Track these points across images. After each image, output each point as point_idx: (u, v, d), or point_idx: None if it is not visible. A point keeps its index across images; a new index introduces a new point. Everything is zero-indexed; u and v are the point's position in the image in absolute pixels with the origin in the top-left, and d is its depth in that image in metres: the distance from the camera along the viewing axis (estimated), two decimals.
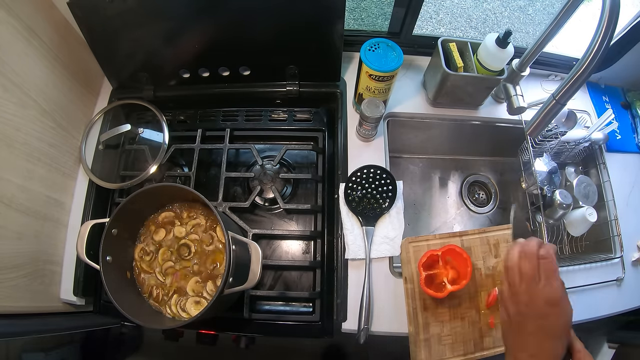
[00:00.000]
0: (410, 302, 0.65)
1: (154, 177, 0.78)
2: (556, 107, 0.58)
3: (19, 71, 0.63)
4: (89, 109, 0.86)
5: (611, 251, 0.79)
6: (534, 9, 2.39)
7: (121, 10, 0.68)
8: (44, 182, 0.70)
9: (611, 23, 0.49)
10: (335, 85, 0.84)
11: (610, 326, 0.91)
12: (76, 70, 0.78)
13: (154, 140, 0.80)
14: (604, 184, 0.85)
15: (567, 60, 0.90)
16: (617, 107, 0.93)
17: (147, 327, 0.58)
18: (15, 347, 0.73)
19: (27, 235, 0.66)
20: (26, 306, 0.65)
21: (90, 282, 0.74)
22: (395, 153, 1.02)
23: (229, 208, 0.76)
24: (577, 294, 0.74)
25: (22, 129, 0.64)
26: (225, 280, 0.54)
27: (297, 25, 0.72)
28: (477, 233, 0.69)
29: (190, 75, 0.82)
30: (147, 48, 0.77)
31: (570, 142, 0.84)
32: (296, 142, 0.86)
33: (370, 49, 0.71)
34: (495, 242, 0.68)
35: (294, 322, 0.71)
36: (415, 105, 0.87)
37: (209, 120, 0.86)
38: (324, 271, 0.74)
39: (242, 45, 0.76)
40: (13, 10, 0.61)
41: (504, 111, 0.83)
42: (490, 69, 0.74)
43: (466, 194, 1.04)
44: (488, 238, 0.69)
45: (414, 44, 0.88)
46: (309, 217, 0.80)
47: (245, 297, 0.70)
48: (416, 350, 0.64)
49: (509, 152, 0.98)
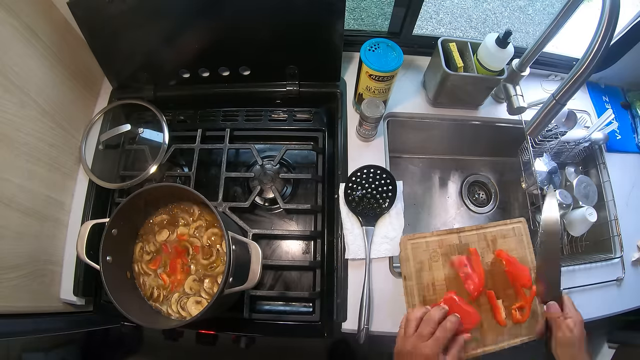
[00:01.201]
0: (409, 299, 0.65)
1: (154, 177, 0.78)
2: (556, 107, 0.58)
3: (19, 71, 0.63)
4: (89, 109, 0.86)
5: (611, 251, 0.80)
6: (534, 9, 2.39)
7: (121, 10, 0.68)
8: (44, 182, 0.70)
9: (611, 23, 0.49)
10: (335, 85, 0.84)
11: (610, 326, 0.91)
12: (76, 70, 0.78)
13: (154, 140, 0.80)
14: (604, 184, 0.85)
15: (567, 60, 0.90)
16: (617, 107, 0.93)
17: (147, 327, 0.58)
18: (15, 347, 0.73)
19: (27, 235, 0.66)
20: (26, 306, 0.65)
21: (90, 282, 0.74)
22: (395, 153, 1.02)
23: (229, 208, 0.76)
24: (577, 294, 0.74)
25: (22, 129, 0.64)
26: (225, 280, 0.54)
27: (297, 25, 0.72)
28: (474, 229, 0.69)
29: (190, 75, 0.82)
30: (147, 48, 0.77)
31: (570, 142, 0.84)
32: (296, 142, 0.86)
33: (370, 49, 0.71)
34: (493, 238, 0.68)
35: (294, 322, 0.71)
36: (415, 105, 0.87)
37: (209, 120, 0.86)
38: (324, 271, 0.74)
39: (242, 45, 0.76)
40: (13, 10, 0.61)
41: (504, 111, 0.83)
42: (490, 69, 0.74)
43: (466, 194, 1.04)
44: (486, 234, 0.69)
45: (414, 44, 0.88)
46: (309, 217, 0.80)
47: (245, 297, 0.70)
48: None
49: (509, 152, 0.98)
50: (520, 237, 0.69)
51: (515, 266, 0.65)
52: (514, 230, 0.69)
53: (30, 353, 0.76)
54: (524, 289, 0.64)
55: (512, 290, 0.65)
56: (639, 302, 0.76)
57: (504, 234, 0.69)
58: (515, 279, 0.65)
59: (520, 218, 0.70)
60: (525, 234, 0.69)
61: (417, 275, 0.66)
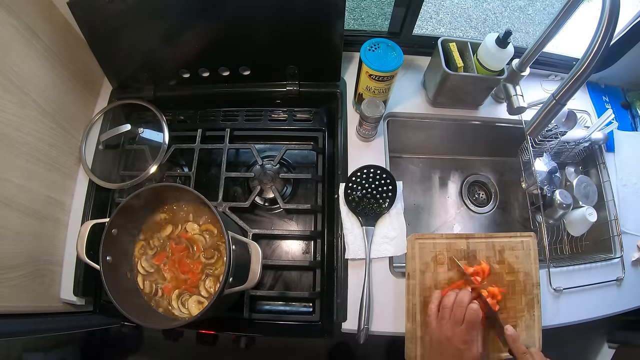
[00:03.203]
0: (410, 298, 0.65)
1: (154, 177, 0.78)
2: (556, 107, 0.58)
3: (19, 71, 0.63)
4: (89, 109, 0.85)
5: (611, 251, 0.80)
6: (534, 9, 2.39)
7: (121, 10, 0.68)
8: (44, 182, 0.70)
9: (611, 23, 0.49)
10: (335, 85, 0.84)
11: (610, 326, 0.91)
12: (76, 70, 0.78)
13: (154, 140, 0.80)
14: (604, 184, 0.85)
15: (567, 60, 0.90)
16: (617, 107, 0.93)
17: (147, 327, 0.58)
18: (15, 347, 0.73)
19: (27, 235, 0.66)
20: (26, 306, 0.65)
21: (90, 282, 0.74)
22: (395, 153, 1.02)
23: (229, 208, 0.76)
24: (577, 294, 0.74)
25: (22, 129, 0.64)
26: (225, 280, 0.54)
27: (297, 25, 0.72)
28: (483, 237, 0.69)
29: (190, 75, 0.82)
30: (147, 48, 0.77)
31: (570, 142, 0.84)
32: (296, 142, 0.86)
33: (370, 49, 0.71)
34: (501, 248, 0.68)
35: (294, 322, 0.71)
36: (415, 105, 0.87)
37: (209, 120, 0.86)
38: (324, 271, 0.74)
39: (242, 45, 0.76)
40: (13, 10, 0.61)
41: (504, 111, 0.83)
42: (490, 69, 0.74)
43: (466, 193, 1.04)
44: (494, 244, 0.68)
45: (414, 44, 0.88)
46: (309, 217, 0.80)
47: (245, 297, 0.70)
48: (411, 347, 0.64)
49: (509, 152, 0.98)
50: (527, 252, 0.68)
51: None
52: (523, 243, 0.69)
53: (30, 353, 0.76)
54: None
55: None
56: (639, 302, 0.76)
57: (513, 245, 0.68)
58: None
59: (530, 232, 0.70)
60: (533, 249, 0.68)
61: (420, 275, 0.66)
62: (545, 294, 0.71)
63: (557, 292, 0.72)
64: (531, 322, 0.66)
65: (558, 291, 0.72)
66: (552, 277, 0.73)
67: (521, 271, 0.67)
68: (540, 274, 0.68)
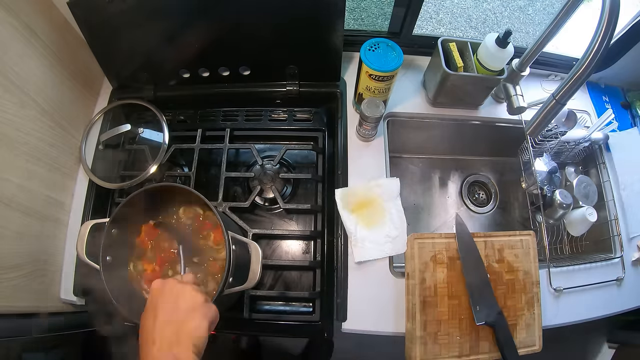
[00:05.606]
0: (410, 298, 0.65)
1: (154, 177, 0.78)
2: (556, 107, 0.58)
3: (19, 71, 0.63)
4: (89, 109, 0.85)
5: (611, 251, 0.80)
6: (534, 9, 2.39)
7: (121, 10, 0.68)
8: (44, 182, 0.70)
9: (611, 23, 0.49)
10: (335, 85, 0.84)
11: (610, 326, 0.91)
12: (76, 70, 0.78)
13: (154, 140, 0.80)
14: (604, 184, 0.85)
15: (567, 60, 0.90)
16: (617, 107, 0.93)
17: None
18: (15, 347, 0.73)
19: (27, 235, 0.66)
20: (26, 306, 0.65)
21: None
22: (395, 153, 1.02)
23: (229, 208, 0.76)
24: (577, 294, 0.74)
25: (22, 129, 0.64)
26: (225, 280, 0.54)
27: (297, 25, 0.72)
28: (482, 236, 0.69)
29: (190, 75, 0.82)
30: (147, 48, 0.77)
31: (570, 142, 0.84)
32: (296, 142, 0.86)
33: (370, 48, 0.71)
34: (500, 247, 0.68)
35: (294, 322, 0.71)
36: (415, 105, 0.87)
37: (209, 120, 0.86)
38: (324, 271, 0.74)
39: (242, 45, 0.76)
40: (13, 9, 0.61)
41: (504, 111, 0.83)
42: (490, 68, 0.74)
43: (466, 193, 1.04)
44: (493, 242, 0.68)
45: (414, 44, 0.88)
46: (309, 217, 0.80)
47: (245, 297, 0.70)
48: (411, 346, 0.64)
49: (509, 152, 0.98)
50: (527, 250, 0.68)
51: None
52: (522, 242, 0.69)
53: (30, 353, 0.76)
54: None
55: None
56: (639, 302, 0.76)
57: (512, 244, 0.69)
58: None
59: (529, 231, 0.70)
60: (533, 248, 0.69)
61: (420, 275, 0.66)
62: (545, 294, 0.72)
63: (557, 292, 0.72)
64: (531, 321, 0.66)
65: (558, 291, 0.72)
66: (552, 277, 0.73)
67: (520, 270, 0.67)
68: (540, 273, 0.69)
